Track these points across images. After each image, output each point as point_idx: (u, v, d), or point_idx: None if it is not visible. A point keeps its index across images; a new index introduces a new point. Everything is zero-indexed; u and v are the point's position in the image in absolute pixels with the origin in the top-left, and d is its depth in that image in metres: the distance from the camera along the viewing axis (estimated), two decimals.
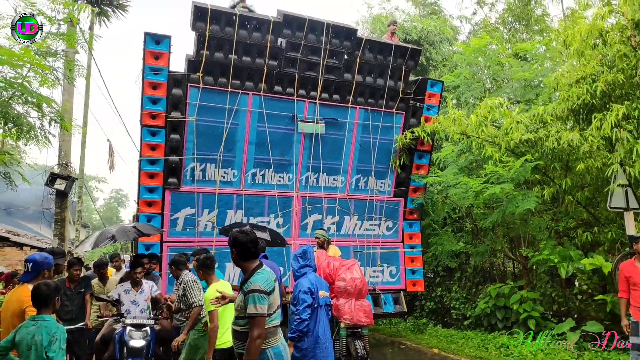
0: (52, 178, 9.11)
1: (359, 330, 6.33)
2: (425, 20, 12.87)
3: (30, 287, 3.80)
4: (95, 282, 6.83)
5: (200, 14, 7.35)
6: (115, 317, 5.99)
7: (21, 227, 16.27)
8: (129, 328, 5.59)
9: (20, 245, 10.62)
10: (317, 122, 8.34)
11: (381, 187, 9.07)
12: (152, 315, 5.92)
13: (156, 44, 7.27)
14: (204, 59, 7.50)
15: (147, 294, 6.10)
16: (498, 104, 8.15)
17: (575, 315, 8.29)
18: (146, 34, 7.19)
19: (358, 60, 8.34)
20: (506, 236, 9.87)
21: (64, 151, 9.45)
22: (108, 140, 25.98)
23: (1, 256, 10.29)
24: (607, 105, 7.19)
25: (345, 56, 8.28)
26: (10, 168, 6.39)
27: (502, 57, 11.12)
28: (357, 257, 8.69)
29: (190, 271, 5.66)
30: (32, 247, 10.61)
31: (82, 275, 6.59)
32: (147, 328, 5.65)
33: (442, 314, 11.02)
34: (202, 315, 5.11)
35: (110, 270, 7.85)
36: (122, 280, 6.58)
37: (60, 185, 8.98)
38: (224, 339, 4.59)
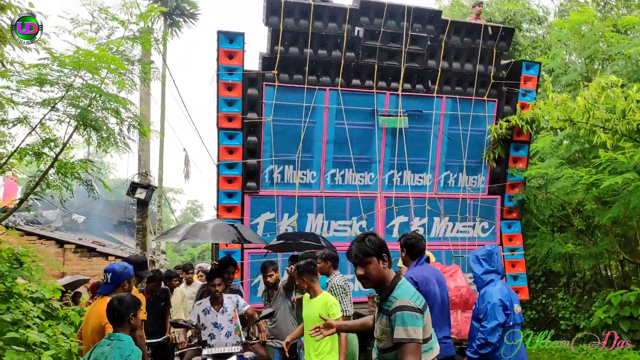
0: (133, 187, 9.18)
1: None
2: (508, 2, 11.77)
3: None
4: None
5: (273, 8, 6.98)
6: (196, 347, 4.64)
7: (106, 238, 17.00)
8: None
9: (106, 255, 10.88)
10: (399, 116, 7.66)
11: (474, 183, 8.19)
12: (242, 339, 4.63)
13: (230, 43, 6.97)
14: (279, 55, 7.11)
15: (231, 312, 4.79)
16: (611, 82, 7.04)
17: None
18: (219, 33, 6.92)
19: (443, 45, 7.57)
20: (618, 236, 8.60)
21: (143, 160, 9.51)
22: (184, 149, 26.80)
23: (88, 266, 10.57)
24: None
25: (429, 42, 7.55)
26: (93, 176, 6.31)
27: (604, 33, 9.80)
28: (451, 263, 7.86)
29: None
30: (117, 257, 10.81)
31: (161, 287, 6.27)
32: (234, 357, 4.45)
33: (546, 324, 9.83)
34: None
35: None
36: (199, 297, 5.71)
37: (140, 194, 9.01)
38: None
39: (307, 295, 4.19)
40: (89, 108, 5.26)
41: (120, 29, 6.03)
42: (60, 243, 10.98)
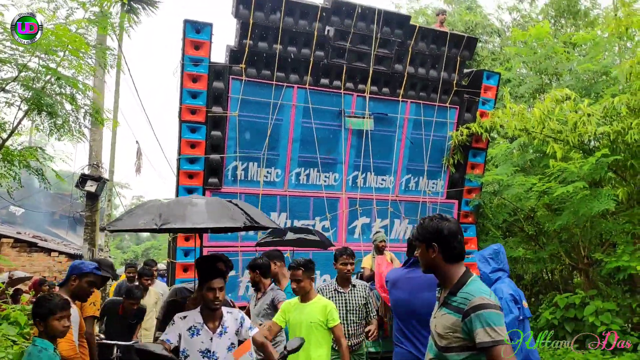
0: (83, 179, 8.64)
1: None
2: (469, 14, 12.20)
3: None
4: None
5: (243, 0, 6.81)
6: None
7: (46, 232, 15.97)
8: None
9: (48, 251, 10.18)
10: (365, 118, 7.71)
11: (433, 187, 8.38)
12: None
13: (197, 33, 6.73)
14: (247, 49, 6.95)
15: (232, 335, 3.17)
16: (565, 95, 7.44)
17: None
18: (186, 22, 6.67)
19: (410, 50, 7.70)
20: (563, 241, 9.08)
21: (95, 151, 9.00)
22: (137, 142, 25.56)
23: (29, 262, 9.86)
24: None
25: (397, 46, 7.64)
26: (44, 166, 5.87)
27: (556, 49, 10.38)
28: None
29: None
30: (61, 252, 10.17)
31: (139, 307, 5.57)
32: None
33: None
34: None
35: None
36: (172, 307, 3.94)
37: (91, 187, 8.48)
38: None
39: (292, 300, 3.89)
40: (43, 91, 4.89)
41: (80, 10, 5.68)
42: None
